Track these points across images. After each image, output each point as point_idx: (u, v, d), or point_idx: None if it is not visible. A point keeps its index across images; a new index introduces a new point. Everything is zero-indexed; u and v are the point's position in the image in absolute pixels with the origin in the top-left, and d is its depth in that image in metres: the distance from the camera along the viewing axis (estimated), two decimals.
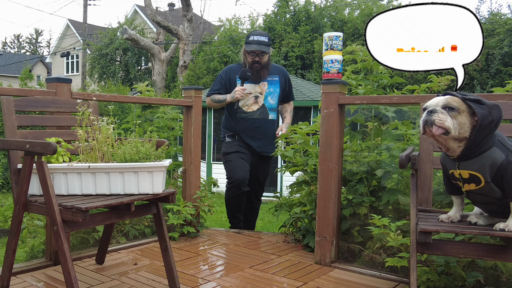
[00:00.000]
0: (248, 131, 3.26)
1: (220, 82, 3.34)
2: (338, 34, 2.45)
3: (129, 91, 14.27)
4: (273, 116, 3.32)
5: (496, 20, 12.87)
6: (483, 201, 1.61)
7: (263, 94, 3.26)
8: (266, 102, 3.28)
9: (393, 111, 2.69)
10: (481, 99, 1.48)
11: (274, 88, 3.31)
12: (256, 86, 3.25)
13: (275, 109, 3.33)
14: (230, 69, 3.39)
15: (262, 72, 3.23)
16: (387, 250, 2.34)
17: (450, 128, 1.48)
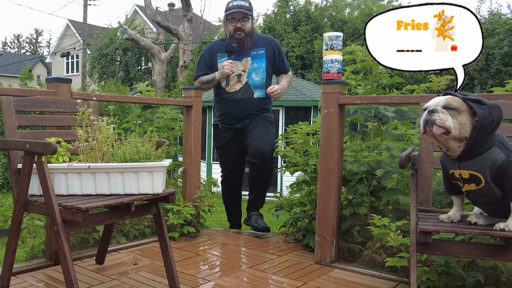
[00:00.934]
0: (232, 112, 3.07)
1: (204, 63, 3.14)
2: (338, 34, 2.45)
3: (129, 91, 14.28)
4: (260, 94, 3.06)
5: (496, 20, 12.87)
6: (483, 201, 1.61)
7: (246, 71, 3.02)
8: (250, 80, 3.03)
9: (393, 111, 2.69)
10: (481, 99, 1.48)
11: (258, 63, 3.04)
12: (238, 63, 3.02)
13: (262, 86, 3.06)
14: (212, 46, 3.15)
15: (245, 41, 3.00)
16: (387, 250, 2.34)
17: (451, 128, 1.49)
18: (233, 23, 2.98)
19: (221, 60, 3.06)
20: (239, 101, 3.03)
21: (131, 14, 25.19)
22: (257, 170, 2.99)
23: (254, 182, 3.08)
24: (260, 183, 3.07)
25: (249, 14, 2.99)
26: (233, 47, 2.95)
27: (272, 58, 3.09)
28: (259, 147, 2.92)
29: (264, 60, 3.05)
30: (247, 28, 3.00)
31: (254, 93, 3.03)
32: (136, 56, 20.48)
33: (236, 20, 2.97)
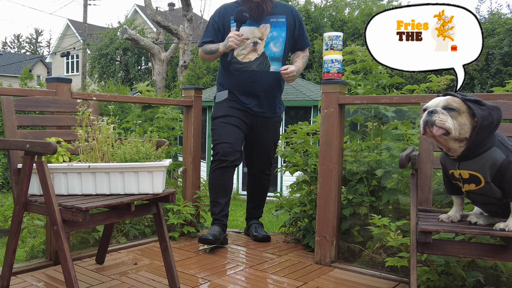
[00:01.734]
0: (243, 86, 2.67)
1: (213, 28, 2.71)
2: (338, 34, 2.45)
3: (129, 91, 14.28)
4: (277, 68, 2.68)
5: (496, 20, 12.87)
6: (483, 201, 1.61)
7: (263, 39, 2.62)
8: (268, 50, 2.64)
9: (393, 111, 2.69)
10: (481, 100, 1.49)
11: (278, 31, 2.64)
12: (255, 29, 2.61)
13: (279, 59, 2.67)
14: (225, 9, 2.71)
15: (265, 5, 2.59)
16: (387, 250, 2.34)
17: (451, 129, 1.49)
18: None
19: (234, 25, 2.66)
20: (253, 73, 2.63)
21: (131, 14, 25.20)
22: (257, 182, 2.96)
23: (254, 192, 2.98)
24: (259, 193, 2.99)
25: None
26: (244, 16, 2.54)
27: (292, 29, 2.69)
28: (264, 169, 2.92)
29: (284, 29, 2.66)
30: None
31: (270, 66, 2.65)
32: (136, 56, 20.48)
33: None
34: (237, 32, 2.55)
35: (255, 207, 3.01)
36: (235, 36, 2.54)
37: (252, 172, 2.93)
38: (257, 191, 2.97)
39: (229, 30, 2.64)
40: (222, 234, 2.71)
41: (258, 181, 2.94)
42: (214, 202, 2.73)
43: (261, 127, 2.77)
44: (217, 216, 2.72)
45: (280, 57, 2.68)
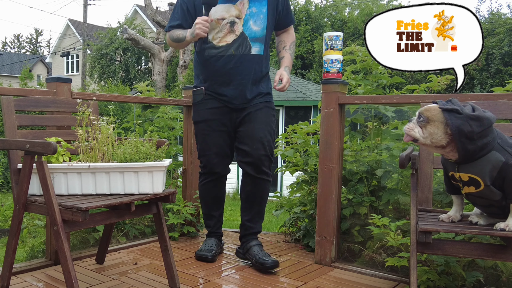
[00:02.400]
0: (219, 75, 2.30)
1: (181, 9, 2.32)
2: (338, 34, 2.45)
3: (129, 91, 14.28)
4: (259, 50, 2.30)
5: (496, 19, 12.87)
6: (482, 203, 1.62)
7: (241, 18, 2.25)
8: (247, 30, 2.26)
9: (393, 111, 2.69)
10: (458, 109, 1.49)
11: (258, 6, 2.26)
12: (231, 6, 2.23)
13: (261, 39, 2.30)
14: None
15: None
16: (387, 250, 2.34)
17: (416, 137, 1.56)
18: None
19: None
20: (231, 58, 2.25)
21: (131, 14, 25.20)
22: (254, 184, 2.36)
23: (250, 198, 2.40)
24: (257, 200, 2.40)
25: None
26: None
27: (275, 2, 2.33)
28: (260, 167, 2.32)
29: (265, 3, 2.28)
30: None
31: (251, 48, 2.27)
32: (136, 56, 20.49)
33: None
34: (205, 18, 2.15)
35: (253, 220, 2.42)
36: (203, 22, 2.14)
37: (247, 172, 2.35)
38: (254, 198, 2.40)
39: (201, 12, 2.24)
40: (219, 245, 2.57)
41: (255, 183, 2.36)
42: (207, 215, 2.55)
43: (248, 117, 2.34)
44: (213, 229, 2.56)
45: (262, 37, 2.29)
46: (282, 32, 2.48)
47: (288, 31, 2.48)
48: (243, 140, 2.33)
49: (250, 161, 2.31)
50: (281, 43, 2.46)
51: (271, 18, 2.32)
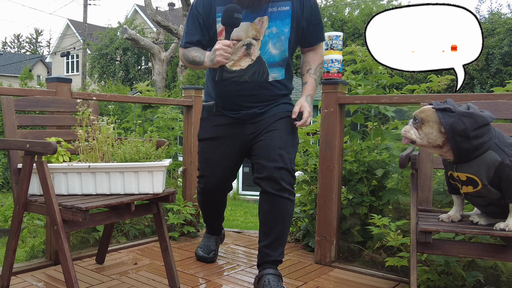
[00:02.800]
0: (232, 99, 2.03)
1: (197, 22, 1.99)
2: (338, 34, 2.45)
3: (129, 91, 14.29)
4: (278, 75, 1.99)
5: (496, 19, 12.87)
6: (481, 203, 1.62)
7: (259, 39, 1.92)
8: (265, 54, 1.94)
9: (393, 111, 2.69)
10: (451, 108, 1.51)
11: (280, 26, 1.92)
12: (249, 25, 1.90)
13: (282, 63, 1.98)
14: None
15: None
16: (387, 250, 2.35)
17: (413, 138, 1.58)
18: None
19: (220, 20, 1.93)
20: (245, 85, 1.97)
21: (131, 14, 25.21)
22: (272, 200, 1.94)
23: (267, 219, 1.98)
24: (277, 221, 1.97)
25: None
26: (236, 19, 1.80)
27: (299, 20, 1.96)
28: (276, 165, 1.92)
29: (288, 21, 1.92)
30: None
31: (269, 74, 1.97)
32: (136, 56, 20.50)
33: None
34: (227, 42, 1.81)
35: (271, 246, 1.99)
36: (224, 47, 1.80)
37: (264, 190, 1.94)
38: (274, 220, 1.96)
39: (215, 25, 1.96)
40: (219, 241, 2.55)
41: (273, 203, 1.93)
42: (208, 223, 2.48)
43: (264, 128, 2.01)
44: (212, 229, 2.49)
45: (283, 61, 1.98)
46: (309, 51, 2.10)
47: (316, 50, 2.09)
48: (259, 152, 1.97)
49: (266, 175, 1.92)
50: (306, 64, 2.08)
51: (293, 39, 1.98)
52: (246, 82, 1.97)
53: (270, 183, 1.92)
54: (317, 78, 2.07)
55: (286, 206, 1.95)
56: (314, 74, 2.07)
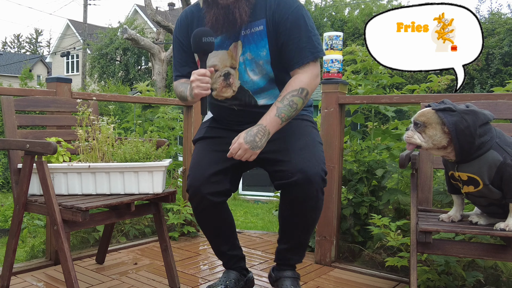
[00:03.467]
0: (228, 120, 1.83)
1: (182, 50, 1.78)
2: (338, 34, 2.45)
3: (129, 91, 14.29)
4: (268, 100, 1.71)
5: (496, 19, 12.87)
6: (482, 203, 1.62)
7: (236, 66, 1.68)
8: (246, 83, 1.69)
9: (393, 111, 2.69)
10: (451, 107, 1.50)
11: (255, 50, 1.64)
12: (224, 53, 1.67)
13: (269, 87, 1.71)
14: (186, 17, 1.76)
15: (237, 10, 1.59)
16: (387, 250, 2.35)
17: (418, 143, 1.56)
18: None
19: None
20: (235, 112, 1.78)
21: (131, 14, 25.21)
22: (298, 206, 1.66)
23: (290, 226, 1.75)
24: (301, 229, 1.74)
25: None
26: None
27: (275, 36, 1.63)
28: (304, 167, 1.59)
29: (265, 43, 1.64)
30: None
31: (257, 101, 1.73)
32: (136, 56, 20.50)
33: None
34: (202, 71, 1.56)
35: (292, 250, 1.81)
36: (200, 77, 1.56)
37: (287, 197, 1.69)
38: (297, 227, 1.74)
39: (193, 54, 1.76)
40: (242, 280, 1.93)
41: (299, 211, 1.68)
42: (217, 251, 1.93)
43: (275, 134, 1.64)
44: (229, 265, 1.94)
45: (269, 84, 1.71)
46: (293, 74, 1.66)
47: (299, 75, 1.63)
48: (276, 157, 1.66)
49: (293, 181, 1.60)
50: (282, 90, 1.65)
51: (277, 61, 1.66)
52: (234, 109, 1.78)
53: (300, 187, 1.61)
54: (283, 107, 1.58)
55: (314, 213, 1.70)
56: (280, 102, 1.59)
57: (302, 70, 1.62)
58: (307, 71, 1.62)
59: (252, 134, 1.58)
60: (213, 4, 1.62)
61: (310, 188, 1.61)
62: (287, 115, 1.60)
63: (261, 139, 1.58)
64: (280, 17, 1.61)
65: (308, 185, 1.60)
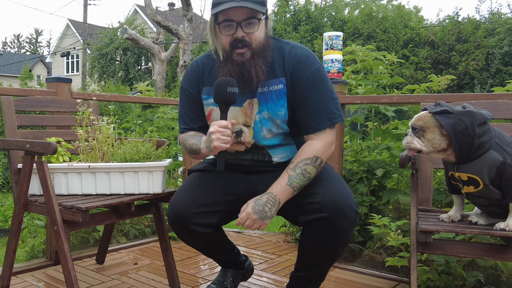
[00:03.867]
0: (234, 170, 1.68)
1: (192, 101, 1.68)
2: (338, 34, 2.45)
3: (129, 91, 14.29)
4: (285, 156, 1.64)
5: (496, 19, 12.87)
6: (483, 203, 1.62)
7: (250, 125, 1.59)
8: (260, 140, 1.61)
9: (393, 111, 2.69)
10: (448, 109, 1.50)
11: (272, 109, 1.57)
12: (237, 110, 1.59)
13: (283, 143, 1.63)
14: (197, 68, 1.67)
15: (254, 68, 1.51)
16: (387, 250, 2.34)
17: (418, 148, 1.56)
18: (229, 31, 1.51)
19: (208, 102, 1.65)
20: (245, 167, 1.68)
21: (131, 14, 25.21)
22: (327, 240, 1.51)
23: (314, 256, 1.59)
24: (326, 260, 1.60)
25: (258, 11, 1.48)
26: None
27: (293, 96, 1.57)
28: (336, 198, 1.48)
29: (284, 102, 1.57)
30: (256, 39, 1.51)
31: (272, 157, 1.64)
32: (136, 56, 20.50)
33: (234, 25, 1.49)
34: (224, 123, 1.46)
35: (309, 278, 1.66)
36: (221, 130, 1.45)
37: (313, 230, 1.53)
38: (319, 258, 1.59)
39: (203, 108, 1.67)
40: (238, 276, 1.93)
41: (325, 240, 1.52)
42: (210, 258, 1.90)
43: None
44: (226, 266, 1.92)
45: (286, 141, 1.64)
46: (307, 139, 1.58)
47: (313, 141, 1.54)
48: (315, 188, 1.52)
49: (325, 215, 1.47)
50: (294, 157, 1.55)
51: (293, 119, 1.59)
52: (245, 165, 1.67)
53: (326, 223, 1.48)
54: (295, 175, 1.49)
55: (341, 248, 1.57)
56: (292, 170, 1.51)
57: (318, 136, 1.54)
58: (323, 138, 1.54)
59: (261, 204, 1.49)
60: (228, 60, 1.53)
61: (343, 221, 1.48)
62: (299, 184, 1.50)
63: (271, 209, 1.49)
64: (299, 76, 1.54)
65: (341, 218, 1.48)
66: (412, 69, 12.91)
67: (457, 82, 12.12)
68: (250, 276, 2.02)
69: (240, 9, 1.47)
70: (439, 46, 13.07)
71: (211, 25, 1.56)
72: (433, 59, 13.05)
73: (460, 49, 12.64)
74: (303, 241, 1.60)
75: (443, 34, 13.07)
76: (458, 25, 13.07)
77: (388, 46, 13.44)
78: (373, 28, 13.89)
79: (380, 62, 2.68)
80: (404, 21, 13.94)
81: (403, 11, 14.94)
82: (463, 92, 10.47)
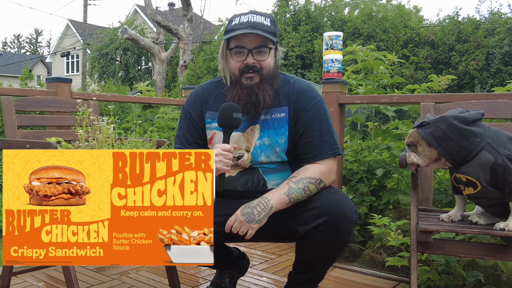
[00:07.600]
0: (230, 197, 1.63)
1: (192, 125, 1.69)
2: (338, 34, 2.45)
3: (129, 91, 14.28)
4: (279, 182, 1.59)
5: (496, 19, 12.88)
6: (484, 203, 1.63)
7: (250, 150, 1.61)
8: (257, 164, 1.62)
9: (394, 111, 2.69)
10: (424, 121, 1.59)
11: (273, 136, 1.60)
12: (240, 136, 1.62)
13: (279, 169, 1.64)
14: (203, 93, 1.70)
15: (261, 93, 1.55)
16: (387, 250, 2.35)
17: (416, 162, 1.63)
18: (240, 57, 1.55)
19: (211, 126, 1.66)
20: (237, 193, 1.64)
21: (131, 14, 25.22)
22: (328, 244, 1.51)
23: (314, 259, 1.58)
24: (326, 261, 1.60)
25: (269, 40, 1.54)
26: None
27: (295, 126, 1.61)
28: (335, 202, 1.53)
29: (285, 131, 1.61)
30: (266, 66, 1.56)
31: (266, 182, 1.63)
32: (136, 56, 20.50)
33: (246, 51, 1.53)
34: (227, 146, 1.49)
35: (311, 279, 1.67)
36: (225, 152, 1.47)
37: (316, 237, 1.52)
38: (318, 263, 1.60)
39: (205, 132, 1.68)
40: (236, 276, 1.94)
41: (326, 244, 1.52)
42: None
43: None
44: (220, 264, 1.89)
45: (283, 168, 1.64)
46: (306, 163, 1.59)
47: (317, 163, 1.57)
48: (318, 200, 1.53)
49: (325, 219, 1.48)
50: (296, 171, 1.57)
51: (292, 150, 1.61)
52: (238, 191, 1.63)
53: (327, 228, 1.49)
54: (296, 188, 1.49)
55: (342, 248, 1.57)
56: (294, 183, 1.51)
57: (322, 162, 1.57)
58: (327, 164, 1.57)
59: (250, 206, 1.48)
60: (237, 84, 1.58)
61: (345, 222, 1.51)
62: (297, 198, 1.50)
63: (260, 213, 1.47)
64: (301, 107, 1.60)
65: (342, 219, 1.50)
66: (412, 69, 12.92)
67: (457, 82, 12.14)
68: (247, 269, 2.00)
69: (252, 36, 1.52)
70: (439, 46, 13.08)
71: (223, 50, 1.61)
72: (433, 59, 13.06)
73: (460, 49, 12.65)
74: (303, 248, 1.58)
75: (443, 34, 13.08)
76: (458, 25, 13.07)
77: (388, 46, 13.44)
78: (373, 28, 13.90)
79: (381, 62, 2.68)
80: (404, 21, 13.95)
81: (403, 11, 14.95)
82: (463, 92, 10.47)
